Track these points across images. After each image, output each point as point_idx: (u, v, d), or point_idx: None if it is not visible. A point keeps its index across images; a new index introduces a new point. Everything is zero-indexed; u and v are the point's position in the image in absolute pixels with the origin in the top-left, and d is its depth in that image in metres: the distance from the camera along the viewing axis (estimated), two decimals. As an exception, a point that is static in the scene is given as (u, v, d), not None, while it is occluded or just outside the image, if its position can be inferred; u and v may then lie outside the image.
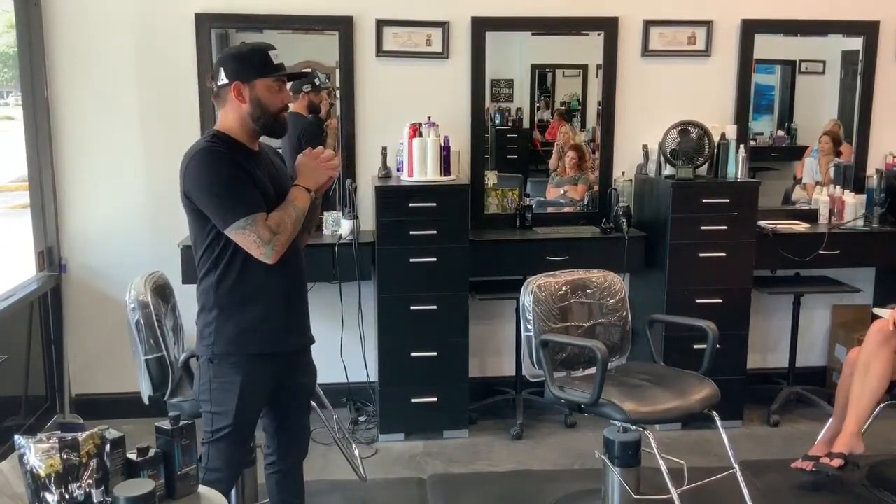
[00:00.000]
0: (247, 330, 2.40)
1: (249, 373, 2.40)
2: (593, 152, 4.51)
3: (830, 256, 4.17)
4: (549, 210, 4.57)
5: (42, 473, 1.76)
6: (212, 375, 2.42)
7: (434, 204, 3.83)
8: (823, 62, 4.79)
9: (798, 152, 4.76)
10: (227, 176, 2.28)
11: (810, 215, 4.44)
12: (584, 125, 4.75)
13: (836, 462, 3.37)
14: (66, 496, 1.78)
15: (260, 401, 2.49)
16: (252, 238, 2.27)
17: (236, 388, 2.39)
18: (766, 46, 4.41)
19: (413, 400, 3.97)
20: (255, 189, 2.30)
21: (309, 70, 2.39)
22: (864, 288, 4.52)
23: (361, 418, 4.24)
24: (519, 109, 4.71)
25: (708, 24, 4.32)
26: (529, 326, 3.14)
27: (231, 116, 2.37)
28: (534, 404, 4.27)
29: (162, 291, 2.99)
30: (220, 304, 2.39)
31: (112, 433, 1.91)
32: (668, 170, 4.11)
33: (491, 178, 4.41)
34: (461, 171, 4.21)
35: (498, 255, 4.13)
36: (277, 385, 2.51)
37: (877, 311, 3.61)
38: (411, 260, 3.84)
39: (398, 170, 4.09)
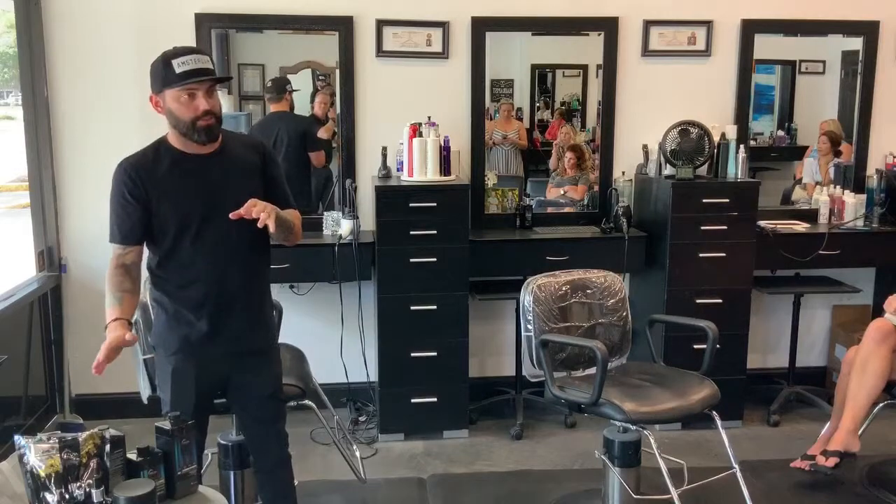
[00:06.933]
0: (162, 332, 2.49)
1: (178, 365, 2.46)
2: (593, 152, 4.51)
3: (830, 256, 4.17)
4: (549, 210, 4.56)
5: (42, 473, 1.76)
6: (156, 362, 2.55)
7: (434, 204, 3.83)
8: (823, 62, 4.79)
9: (798, 152, 4.76)
10: (113, 199, 2.43)
11: (810, 215, 4.43)
12: (584, 125, 4.75)
13: (832, 461, 3.38)
14: (66, 496, 1.78)
15: (192, 394, 2.46)
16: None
17: (169, 378, 2.47)
18: (766, 46, 4.41)
19: (413, 400, 3.96)
20: (131, 219, 2.38)
21: (209, 68, 2.33)
22: (864, 288, 4.51)
23: (361, 418, 4.24)
24: (519, 109, 4.71)
25: (708, 24, 4.32)
26: (529, 326, 3.14)
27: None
28: (534, 404, 4.27)
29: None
30: (152, 297, 2.52)
31: (112, 433, 1.91)
32: (668, 170, 4.11)
33: (491, 178, 4.41)
34: (461, 171, 4.21)
35: (498, 255, 4.13)
36: (220, 383, 2.54)
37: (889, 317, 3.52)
38: (411, 260, 3.84)
39: (398, 170, 4.08)
